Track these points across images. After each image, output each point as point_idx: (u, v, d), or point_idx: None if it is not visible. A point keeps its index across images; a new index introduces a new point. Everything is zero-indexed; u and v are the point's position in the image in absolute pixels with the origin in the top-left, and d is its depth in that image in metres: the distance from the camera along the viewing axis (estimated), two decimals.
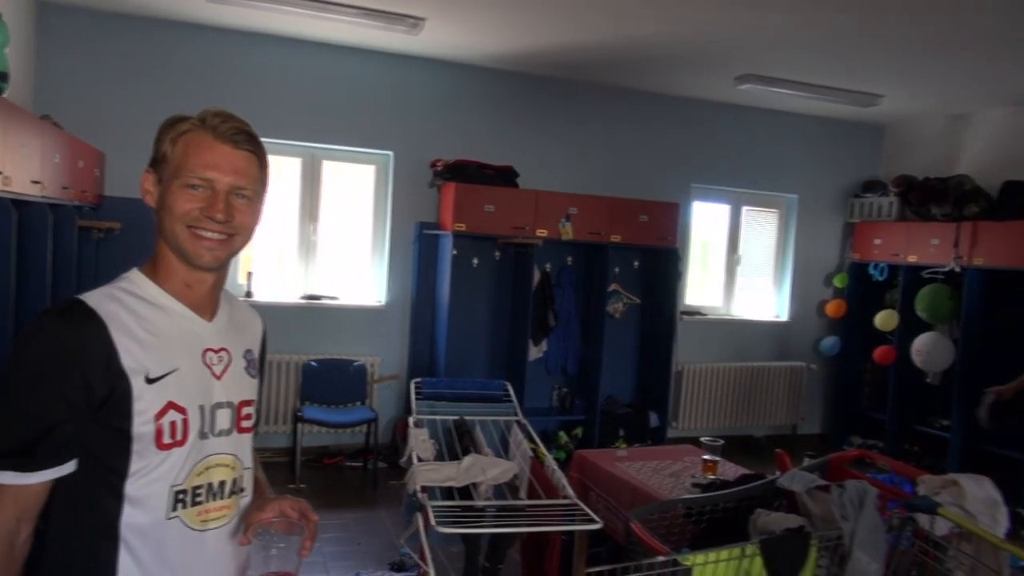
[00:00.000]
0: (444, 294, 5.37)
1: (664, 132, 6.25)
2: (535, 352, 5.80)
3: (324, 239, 5.57)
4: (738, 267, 6.75)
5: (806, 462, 2.92)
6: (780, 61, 4.98)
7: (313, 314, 5.44)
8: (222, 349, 1.33)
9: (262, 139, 1.32)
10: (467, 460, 2.69)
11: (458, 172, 5.32)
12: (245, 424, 1.35)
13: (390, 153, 5.54)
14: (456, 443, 3.03)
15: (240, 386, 1.35)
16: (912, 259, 6.06)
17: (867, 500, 2.23)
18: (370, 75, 5.41)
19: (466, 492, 2.68)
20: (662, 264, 6.00)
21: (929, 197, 5.90)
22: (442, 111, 5.62)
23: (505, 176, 5.45)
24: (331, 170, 5.56)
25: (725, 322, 6.62)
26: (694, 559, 2.07)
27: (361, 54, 5.36)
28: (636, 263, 6.10)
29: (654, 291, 6.09)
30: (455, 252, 5.34)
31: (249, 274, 5.32)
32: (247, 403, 1.36)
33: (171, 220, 1.25)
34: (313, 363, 5.32)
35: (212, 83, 5.00)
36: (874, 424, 6.42)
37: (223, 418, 1.31)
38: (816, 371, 6.85)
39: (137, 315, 1.23)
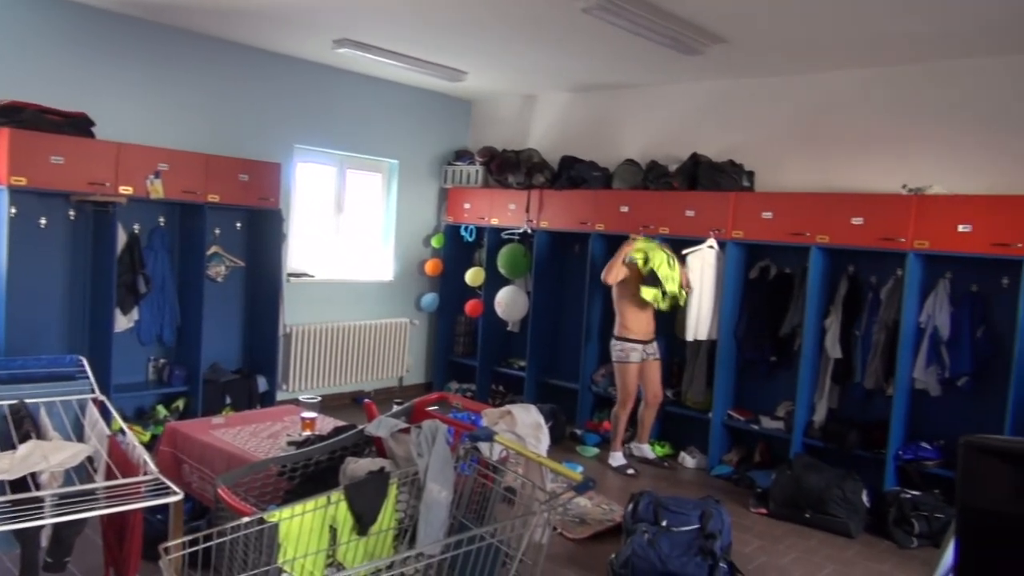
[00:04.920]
0: (1, 261, 4.56)
1: (266, 90, 6.05)
2: (125, 322, 5.28)
3: None
4: (344, 229, 6.90)
5: (394, 409, 3.18)
6: (375, 29, 5.16)
7: None
8: None
9: None
10: (24, 448, 2.37)
11: (12, 116, 4.51)
12: None
13: None
14: (13, 431, 2.65)
15: None
16: (494, 222, 6.85)
17: (438, 436, 2.53)
18: None
19: (26, 485, 2.37)
20: (266, 226, 5.87)
21: (506, 167, 6.70)
22: None
23: (77, 124, 4.77)
24: None
25: (333, 283, 6.74)
26: (279, 514, 2.14)
27: None
28: (238, 224, 5.87)
29: (259, 253, 5.94)
30: (14, 210, 4.56)
31: None
32: None
33: None
34: None
35: None
36: (468, 370, 7.18)
37: None
38: (418, 326, 7.38)
39: None
